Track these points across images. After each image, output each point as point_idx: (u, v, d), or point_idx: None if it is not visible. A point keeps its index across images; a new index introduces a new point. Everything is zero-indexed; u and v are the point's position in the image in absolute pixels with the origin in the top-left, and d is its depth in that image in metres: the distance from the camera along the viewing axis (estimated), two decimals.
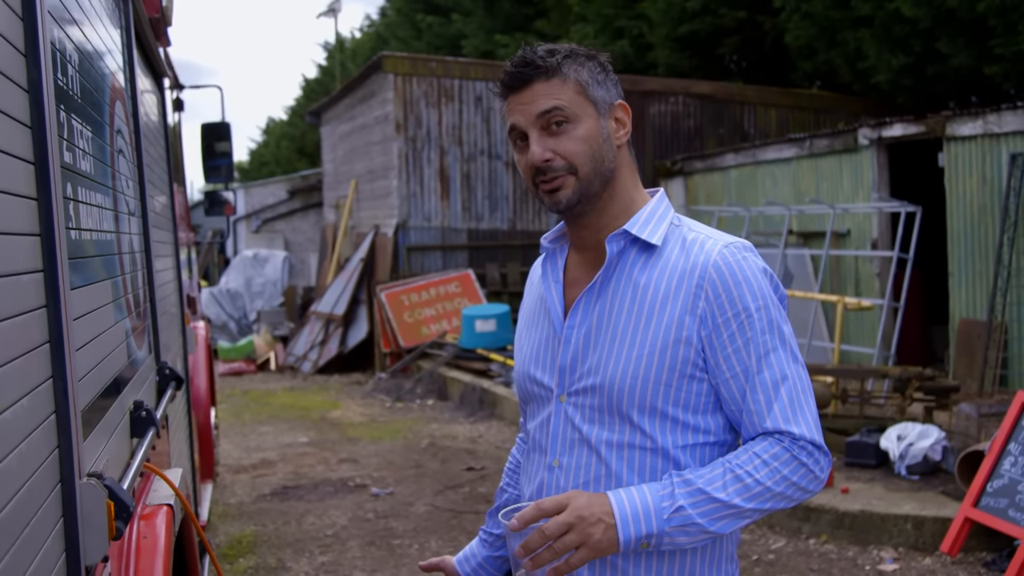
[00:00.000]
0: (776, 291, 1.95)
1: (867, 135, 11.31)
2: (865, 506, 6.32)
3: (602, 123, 1.99)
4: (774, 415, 1.86)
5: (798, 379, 1.89)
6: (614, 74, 2.05)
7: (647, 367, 1.91)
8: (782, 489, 1.83)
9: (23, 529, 1.55)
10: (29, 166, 1.74)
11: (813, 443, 1.84)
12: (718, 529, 1.81)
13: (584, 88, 1.97)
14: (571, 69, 1.96)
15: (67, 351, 1.82)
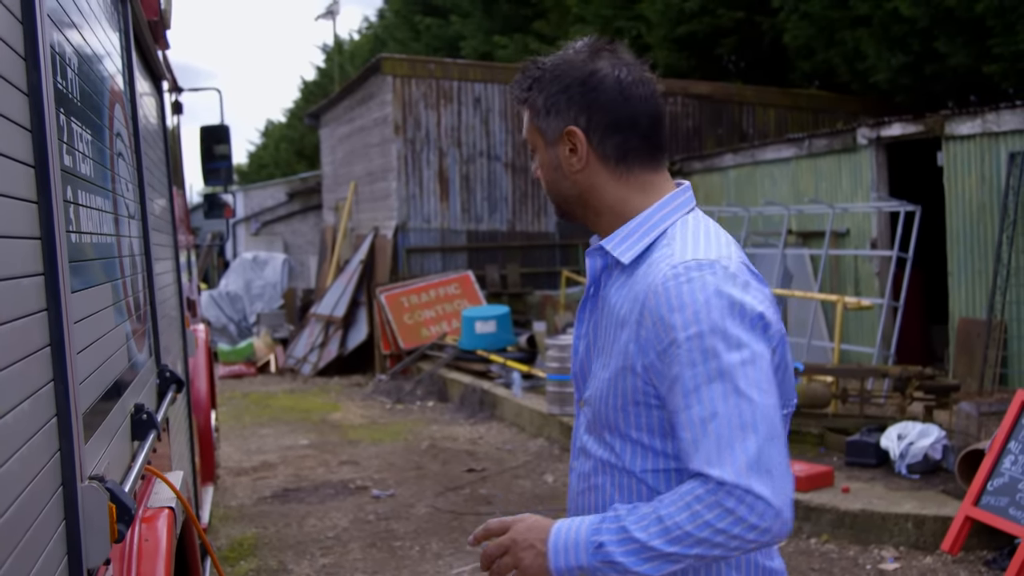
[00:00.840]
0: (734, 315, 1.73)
1: (866, 135, 11.31)
2: (866, 505, 6.32)
3: (551, 152, 1.96)
4: (699, 456, 1.69)
5: (734, 415, 1.68)
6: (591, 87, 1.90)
7: (607, 390, 1.86)
8: (707, 535, 1.67)
9: (25, 532, 1.55)
10: (29, 169, 1.74)
11: (740, 487, 1.65)
12: (647, 571, 1.70)
13: (535, 118, 1.96)
14: (533, 97, 1.95)
15: (68, 354, 1.82)
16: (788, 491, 1.69)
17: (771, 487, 1.65)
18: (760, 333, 1.75)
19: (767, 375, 1.72)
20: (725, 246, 1.85)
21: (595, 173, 1.92)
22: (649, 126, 1.92)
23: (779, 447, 1.70)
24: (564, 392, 9.50)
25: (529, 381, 11.29)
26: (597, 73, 1.90)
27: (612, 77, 1.90)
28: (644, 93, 1.91)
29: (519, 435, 10.05)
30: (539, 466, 8.66)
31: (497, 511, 7.24)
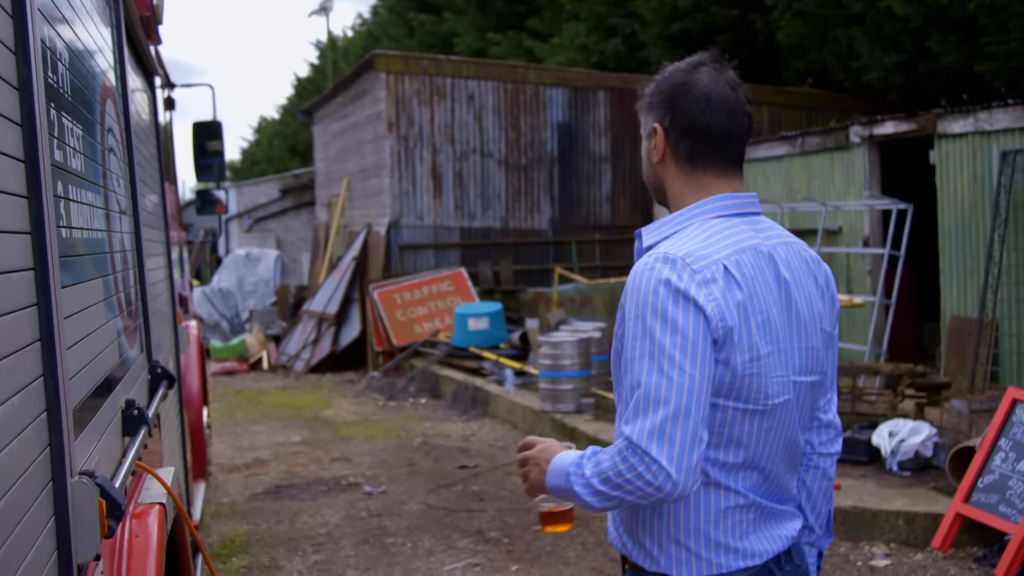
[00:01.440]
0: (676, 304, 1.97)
1: (859, 133, 11.33)
2: (857, 502, 6.33)
3: (645, 144, 2.27)
4: (625, 416, 2.00)
5: (652, 388, 1.95)
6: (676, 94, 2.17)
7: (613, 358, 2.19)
8: (620, 482, 1.95)
9: (14, 527, 1.55)
10: (19, 164, 1.74)
11: (641, 447, 1.92)
12: (590, 502, 2.02)
13: (640, 114, 2.28)
14: (644, 96, 2.27)
15: (58, 349, 1.82)
16: (685, 462, 1.93)
17: (667, 454, 1.92)
18: (695, 317, 1.97)
19: (692, 360, 1.95)
20: (716, 246, 2.06)
21: (668, 167, 2.22)
22: (722, 138, 2.16)
23: (686, 423, 1.93)
24: (556, 389, 9.51)
25: (522, 378, 11.30)
26: (689, 83, 2.16)
27: (702, 88, 2.15)
28: (728, 108, 2.15)
29: (511, 432, 10.05)
30: None
31: (489, 508, 7.24)
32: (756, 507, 2.13)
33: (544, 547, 6.35)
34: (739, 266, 2.05)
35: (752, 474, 2.12)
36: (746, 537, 2.12)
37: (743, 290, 2.03)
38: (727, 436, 2.07)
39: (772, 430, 2.10)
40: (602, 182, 16.71)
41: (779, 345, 2.09)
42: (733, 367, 2.02)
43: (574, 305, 15.02)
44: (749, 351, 2.03)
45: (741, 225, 2.14)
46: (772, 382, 2.07)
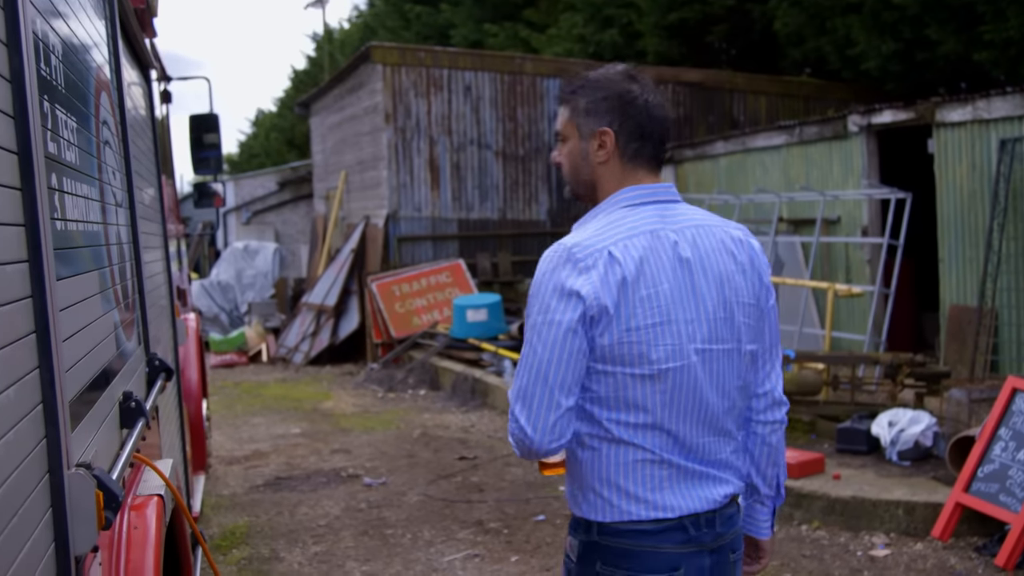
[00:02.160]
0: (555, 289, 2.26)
1: (857, 122, 11.32)
2: (856, 492, 6.34)
3: (582, 144, 2.45)
4: None
5: (524, 358, 2.30)
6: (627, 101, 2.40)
7: None
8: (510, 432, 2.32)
9: (11, 519, 1.55)
10: (12, 156, 1.73)
11: (511, 406, 2.29)
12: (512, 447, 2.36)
13: (575, 115, 2.45)
14: (576, 99, 2.45)
15: (53, 341, 1.81)
16: (541, 422, 2.25)
17: (526, 414, 2.26)
18: (568, 304, 2.24)
19: (557, 337, 2.24)
20: (607, 234, 2.31)
21: (610, 167, 2.43)
22: (658, 141, 2.44)
23: (544, 389, 2.25)
24: None
25: None
26: (633, 92, 2.41)
27: (644, 98, 2.41)
28: (660, 115, 2.44)
29: None
30: None
31: (489, 499, 7.25)
32: (669, 464, 2.32)
33: (543, 538, 6.35)
34: (627, 249, 2.28)
35: (659, 434, 2.31)
36: (659, 491, 2.31)
37: (626, 269, 2.26)
38: (624, 399, 2.29)
39: (669, 392, 2.29)
40: None
41: (670, 316, 2.29)
42: (611, 337, 2.25)
43: None
44: (627, 322, 2.25)
45: (647, 212, 2.38)
46: (658, 348, 2.27)
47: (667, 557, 2.31)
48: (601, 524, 2.34)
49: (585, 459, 2.35)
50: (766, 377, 2.52)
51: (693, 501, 2.33)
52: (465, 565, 5.91)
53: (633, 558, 2.31)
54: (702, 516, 2.34)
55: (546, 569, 5.78)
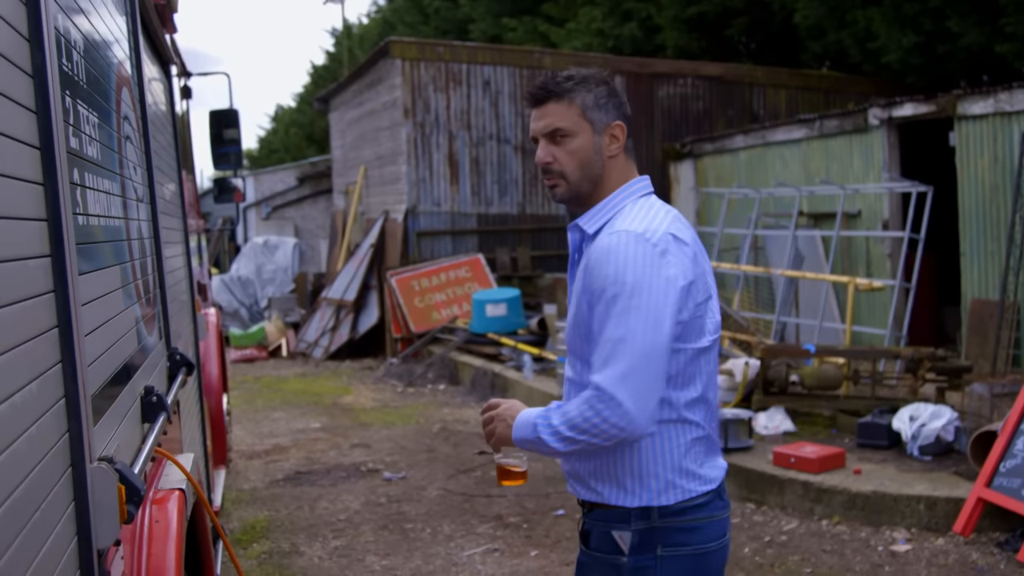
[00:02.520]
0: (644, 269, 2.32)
1: (877, 115, 11.25)
2: (877, 487, 6.31)
3: (596, 139, 2.50)
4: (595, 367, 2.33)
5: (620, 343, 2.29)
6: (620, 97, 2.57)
7: (571, 326, 2.50)
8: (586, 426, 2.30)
9: (34, 512, 1.56)
10: (35, 151, 1.74)
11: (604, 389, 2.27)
12: (557, 446, 2.35)
13: (586, 110, 2.49)
14: (583, 94, 2.50)
15: (76, 336, 1.82)
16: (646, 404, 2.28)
17: (632, 397, 2.26)
18: (671, 285, 2.32)
19: (656, 318, 2.29)
20: (656, 220, 2.42)
21: (618, 160, 2.55)
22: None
23: (649, 373, 2.28)
24: None
25: (540, 364, 11.29)
26: (620, 92, 2.59)
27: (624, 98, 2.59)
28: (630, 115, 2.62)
29: None
30: None
31: (508, 494, 7.25)
32: (708, 438, 2.50)
33: (563, 532, 6.35)
34: (680, 231, 2.43)
35: (704, 406, 2.48)
36: (703, 465, 2.47)
37: (690, 248, 2.42)
38: (687, 375, 2.42)
39: (711, 363, 2.48)
40: None
41: (710, 291, 2.47)
42: (687, 313, 2.37)
43: None
44: (700, 295, 2.41)
45: (655, 201, 2.54)
46: (710, 321, 2.45)
47: (719, 524, 2.48)
48: (663, 507, 2.41)
49: (644, 445, 2.40)
50: None
51: (719, 471, 2.52)
52: (485, 559, 5.92)
53: (697, 532, 2.42)
54: (721, 484, 2.53)
55: (566, 564, 5.77)
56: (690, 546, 2.41)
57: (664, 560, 2.40)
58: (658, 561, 2.40)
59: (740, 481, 6.93)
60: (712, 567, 2.46)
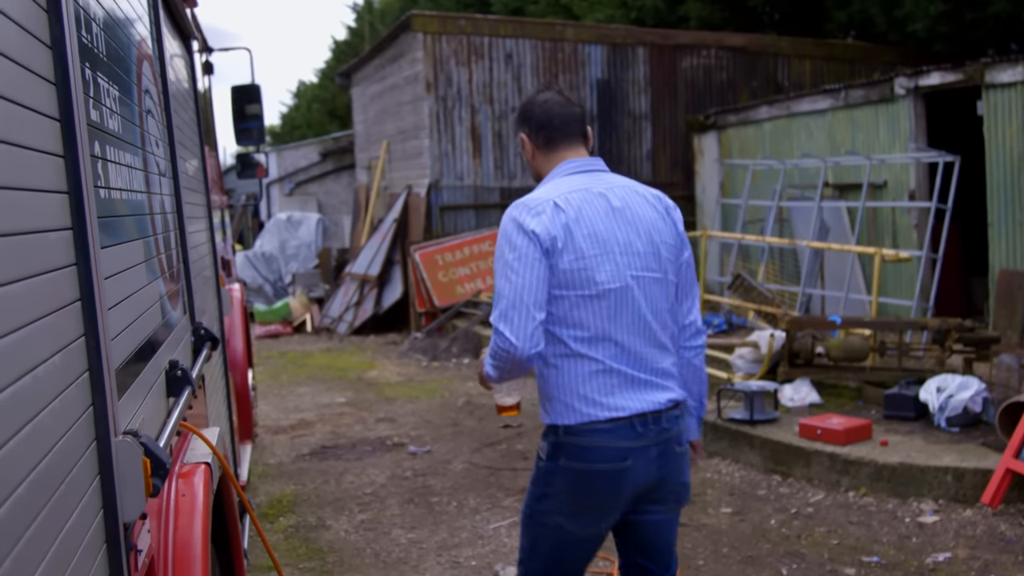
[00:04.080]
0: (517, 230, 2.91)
1: (904, 84, 11.13)
2: (904, 458, 6.27)
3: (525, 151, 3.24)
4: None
5: (500, 289, 2.88)
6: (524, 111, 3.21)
7: None
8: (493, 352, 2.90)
9: (59, 486, 1.56)
10: (54, 123, 1.73)
11: (496, 327, 2.86)
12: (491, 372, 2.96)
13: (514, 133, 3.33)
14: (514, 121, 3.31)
15: (99, 309, 1.82)
16: (523, 333, 2.82)
17: (510, 329, 2.83)
18: (527, 240, 2.88)
19: (526, 266, 2.86)
20: (547, 193, 3.00)
21: (538, 158, 3.20)
22: (561, 124, 3.13)
23: (522, 309, 2.84)
24: None
25: None
26: (533, 100, 3.19)
27: (540, 99, 3.17)
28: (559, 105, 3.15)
29: None
30: None
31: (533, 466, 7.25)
32: (618, 373, 2.93)
33: None
34: (567, 201, 2.95)
35: (607, 344, 2.93)
36: (611, 395, 2.92)
37: (568, 215, 2.92)
38: (575, 317, 2.92)
39: (611, 308, 2.93)
40: (643, 139, 16.57)
41: (607, 248, 2.94)
42: (564, 263, 2.89)
43: None
44: (574, 252, 2.90)
45: (580, 177, 3.07)
46: (601, 273, 2.92)
47: (619, 450, 2.91)
48: (567, 427, 2.94)
49: (550, 375, 2.97)
50: (688, 311, 3.18)
51: (640, 403, 2.94)
52: (511, 532, 5.92)
53: (592, 451, 2.92)
54: (649, 416, 2.94)
55: None
56: (584, 462, 2.92)
57: (564, 469, 2.95)
58: (560, 469, 2.96)
59: (766, 453, 6.91)
60: (604, 485, 2.93)
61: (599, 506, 2.97)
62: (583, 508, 2.97)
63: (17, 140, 1.49)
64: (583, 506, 2.97)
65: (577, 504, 2.97)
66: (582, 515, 2.99)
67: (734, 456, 7.18)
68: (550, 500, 3.01)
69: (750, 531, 5.78)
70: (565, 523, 3.00)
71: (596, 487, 2.93)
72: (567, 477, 2.95)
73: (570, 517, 2.99)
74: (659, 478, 3.00)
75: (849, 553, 5.36)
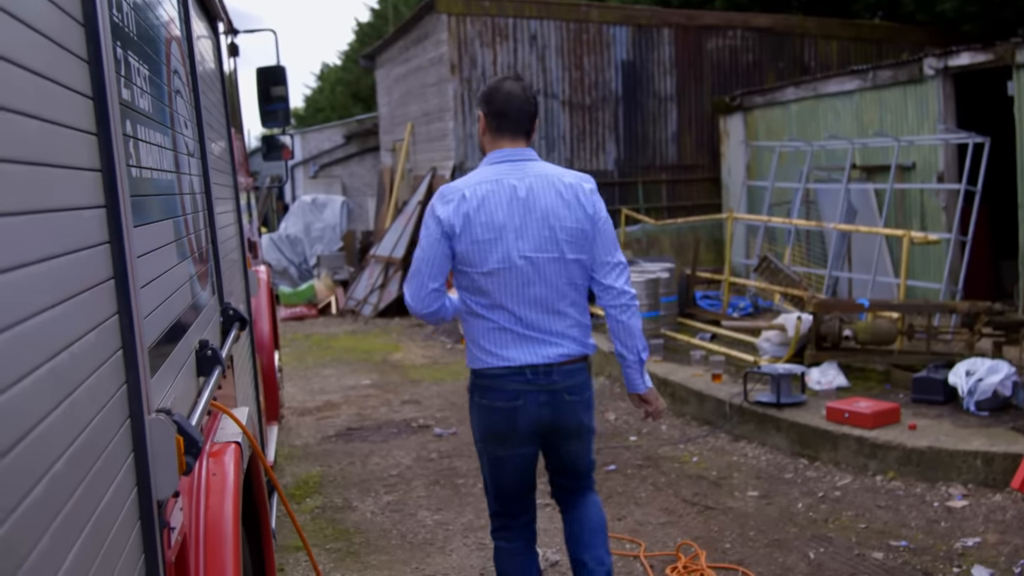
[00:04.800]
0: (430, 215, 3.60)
1: (933, 65, 11.02)
2: (933, 442, 6.23)
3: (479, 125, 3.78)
4: None
5: (414, 256, 3.61)
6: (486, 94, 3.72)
7: None
8: None
9: (95, 462, 1.56)
10: (88, 101, 1.72)
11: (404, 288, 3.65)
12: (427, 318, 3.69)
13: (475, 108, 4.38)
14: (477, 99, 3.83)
15: (132, 287, 1.81)
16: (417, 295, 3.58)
17: (409, 291, 3.61)
18: (435, 223, 3.55)
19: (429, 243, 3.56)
20: (468, 180, 3.61)
21: (487, 137, 3.72)
22: (513, 117, 3.66)
23: (419, 277, 3.57)
24: None
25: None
26: (497, 87, 3.69)
27: (504, 90, 3.67)
28: (517, 100, 3.66)
29: None
30: (600, 404, 8.66)
31: None
32: (511, 331, 3.58)
33: (615, 487, 6.35)
34: (474, 191, 3.55)
35: (502, 310, 3.58)
36: (505, 348, 3.59)
37: (470, 204, 3.52)
38: (477, 288, 3.58)
39: (501, 283, 3.55)
40: (668, 121, 16.50)
41: (501, 235, 3.52)
42: (462, 246, 3.53)
43: (641, 246, 14.91)
44: (470, 237, 3.52)
45: (502, 166, 3.62)
46: (492, 255, 3.53)
47: (511, 392, 3.58)
48: (475, 371, 3.66)
49: (466, 329, 3.68)
50: (606, 276, 3.67)
51: (529, 356, 3.58)
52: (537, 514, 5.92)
53: (492, 392, 3.61)
54: (540, 368, 3.58)
55: (618, 518, 5.77)
56: (487, 400, 3.63)
57: (477, 405, 3.69)
58: (475, 405, 3.70)
59: (793, 436, 6.88)
60: (502, 419, 3.63)
61: (503, 435, 3.66)
62: (493, 436, 3.69)
63: (52, 117, 1.48)
64: (492, 435, 3.69)
65: (488, 433, 3.70)
66: (493, 442, 3.70)
67: (760, 439, 7.16)
68: (475, 431, 3.78)
69: (777, 514, 5.76)
70: (487, 449, 3.75)
71: (497, 420, 3.63)
72: (480, 411, 3.69)
73: (487, 443, 3.73)
74: (553, 419, 3.65)
75: (877, 537, 5.33)
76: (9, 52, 1.31)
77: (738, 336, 9.57)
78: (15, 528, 1.16)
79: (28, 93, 1.39)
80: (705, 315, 11.13)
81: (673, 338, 9.71)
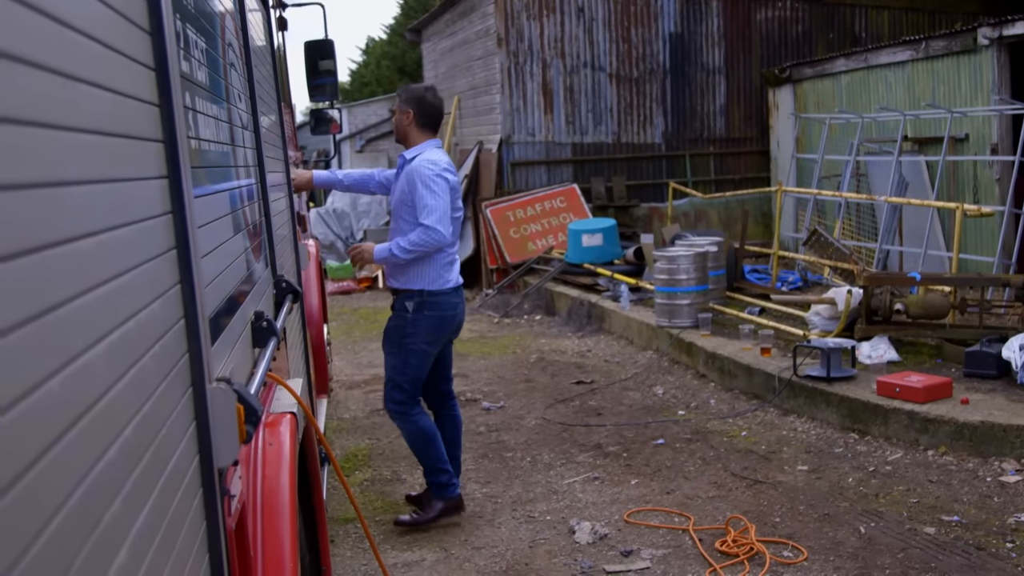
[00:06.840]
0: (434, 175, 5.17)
1: (987, 34, 10.82)
2: (986, 417, 6.16)
3: (398, 115, 5.40)
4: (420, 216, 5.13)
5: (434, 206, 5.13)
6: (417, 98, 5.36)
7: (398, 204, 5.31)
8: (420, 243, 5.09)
9: (160, 429, 1.58)
10: (150, 72, 1.74)
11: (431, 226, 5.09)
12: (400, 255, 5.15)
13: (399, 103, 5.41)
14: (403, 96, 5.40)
15: (193, 257, 1.83)
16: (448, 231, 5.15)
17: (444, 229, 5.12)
18: (446, 184, 5.16)
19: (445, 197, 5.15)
20: (439, 159, 5.22)
21: (412, 128, 5.34)
22: (436, 119, 5.40)
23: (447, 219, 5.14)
24: (673, 304, 9.42)
25: (637, 294, 11.23)
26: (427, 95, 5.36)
27: (429, 99, 5.35)
28: (437, 108, 5.39)
29: (627, 348, 10.03)
30: (648, 378, 8.65)
31: (607, 423, 7.26)
32: (455, 262, 5.32)
33: (663, 461, 6.35)
34: (449, 166, 5.23)
35: (452, 247, 5.26)
36: (450, 273, 5.27)
37: (453, 176, 5.25)
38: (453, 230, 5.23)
39: (453, 225, 5.21)
40: (716, 94, 16.36)
41: (456, 193, 5.27)
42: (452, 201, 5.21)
43: (688, 220, 14.83)
44: (452, 195, 5.20)
45: (439, 151, 5.30)
46: (455, 206, 5.24)
47: (454, 303, 5.28)
48: (430, 291, 5.19)
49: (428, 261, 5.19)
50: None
51: (458, 277, 5.34)
52: (585, 487, 5.94)
53: (441, 304, 5.23)
54: (461, 286, 5.36)
55: (667, 492, 5.77)
56: (439, 310, 5.23)
57: (428, 316, 5.20)
58: (424, 317, 5.19)
59: (843, 411, 6.83)
60: (449, 324, 5.29)
61: (444, 335, 5.35)
62: (438, 337, 5.29)
63: (118, 88, 1.50)
64: (438, 336, 5.28)
65: (435, 335, 5.26)
66: (435, 342, 5.29)
67: (810, 414, 7.11)
68: (416, 336, 5.20)
69: (827, 489, 5.73)
70: (427, 348, 5.24)
71: (446, 325, 5.29)
72: (431, 321, 5.21)
73: (430, 344, 5.25)
74: (460, 321, 5.39)
75: (929, 512, 5.29)
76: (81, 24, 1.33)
77: (787, 310, 9.50)
78: (90, 492, 1.19)
79: (97, 65, 1.40)
80: (754, 289, 11.06)
81: (721, 312, 9.66)
